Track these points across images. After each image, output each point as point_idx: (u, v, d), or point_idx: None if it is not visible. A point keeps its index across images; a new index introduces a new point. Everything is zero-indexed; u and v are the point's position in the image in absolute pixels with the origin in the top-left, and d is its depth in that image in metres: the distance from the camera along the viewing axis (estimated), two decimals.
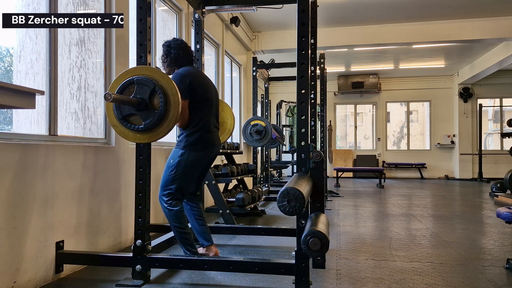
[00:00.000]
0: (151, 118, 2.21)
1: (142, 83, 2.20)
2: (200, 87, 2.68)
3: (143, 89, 2.20)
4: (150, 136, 2.26)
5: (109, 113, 2.27)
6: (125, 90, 2.22)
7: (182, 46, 2.76)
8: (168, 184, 2.64)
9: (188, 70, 2.70)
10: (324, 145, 6.44)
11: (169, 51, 2.73)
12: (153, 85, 2.19)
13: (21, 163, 2.18)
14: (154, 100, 2.21)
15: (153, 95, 2.20)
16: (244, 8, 4.66)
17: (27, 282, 2.20)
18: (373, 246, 3.34)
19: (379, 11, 7.06)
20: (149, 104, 2.20)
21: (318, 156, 2.17)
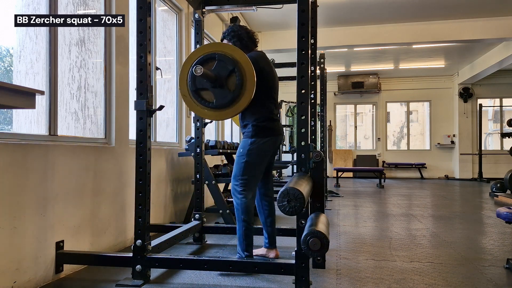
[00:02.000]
0: (224, 98, 2.18)
1: (224, 60, 2.16)
2: (270, 74, 2.70)
3: (223, 66, 2.17)
4: (217, 114, 2.25)
5: (182, 83, 2.25)
6: (204, 63, 2.19)
7: (246, 28, 2.82)
8: (240, 173, 2.63)
9: (260, 54, 2.72)
10: (324, 145, 6.44)
11: (240, 35, 2.73)
12: (233, 65, 2.16)
13: (21, 163, 2.18)
14: (230, 80, 2.19)
15: (231, 75, 2.17)
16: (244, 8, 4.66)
17: (27, 282, 2.20)
18: (373, 246, 3.34)
19: (379, 11, 7.06)
20: (225, 83, 2.17)
21: (318, 156, 2.17)
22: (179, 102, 4.75)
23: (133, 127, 2.76)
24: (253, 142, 2.61)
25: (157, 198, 3.86)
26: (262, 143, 2.62)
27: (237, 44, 2.72)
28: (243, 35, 2.76)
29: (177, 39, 4.79)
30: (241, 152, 2.65)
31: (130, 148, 3.30)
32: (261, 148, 2.63)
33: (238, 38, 2.74)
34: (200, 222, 3.33)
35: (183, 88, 2.26)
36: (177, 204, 4.35)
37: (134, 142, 2.45)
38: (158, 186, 3.90)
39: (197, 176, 3.36)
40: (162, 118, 4.44)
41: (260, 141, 2.62)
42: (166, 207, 4.09)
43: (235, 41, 2.73)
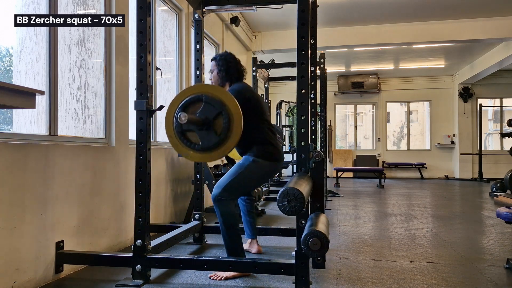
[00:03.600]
0: (210, 141, 2.16)
1: (211, 103, 2.16)
2: (257, 101, 2.70)
3: (209, 109, 2.16)
4: (202, 156, 2.23)
5: (168, 124, 2.24)
6: (190, 105, 2.19)
7: (238, 61, 2.81)
8: (230, 184, 2.54)
9: (243, 85, 2.73)
10: (324, 145, 6.44)
11: (229, 65, 2.74)
12: (221, 107, 2.15)
13: (21, 163, 2.18)
14: (217, 122, 2.17)
15: (217, 117, 2.16)
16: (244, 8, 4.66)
17: (27, 282, 2.20)
18: (373, 246, 3.34)
19: (379, 11, 7.06)
20: (211, 126, 2.17)
21: (318, 156, 2.17)
22: None
23: (133, 127, 2.76)
24: (255, 161, 2.55)
25: (157, 198, 3.86)
26: (263, 164, 2.57)
27: (221, 72, 2.74)
28: (232, 68, 2.75)
29: (177, 39, 4.79)
30: (240, 164, 2.58)
31: (130, 148, 3.30)
32: (261, 169, 2.58)
33: (226, 68, 2.74)
34: (200, 222, 3.33)
35: (169, 129, 2.24)
36: (177, 204, 4.35)
37: (134, 142, 2.45)
38: (158, 186, 3.90)
39: (197, 176, 3.36)
40: (162, 118, 4.43)
41: (262, 162, 2.56)
42: (166, 207, 4.09)
43: (221, 69, 2.75)
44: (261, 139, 2.60)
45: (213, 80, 2.81)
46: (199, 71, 3.30)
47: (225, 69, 2.73)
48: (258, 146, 2.58)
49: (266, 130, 2.67)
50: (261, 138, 2.61)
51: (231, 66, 2.74)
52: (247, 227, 3.09)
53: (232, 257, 2.48)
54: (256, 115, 2.62)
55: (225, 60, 2.75)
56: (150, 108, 2.37)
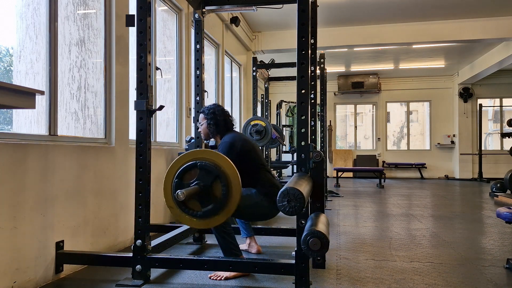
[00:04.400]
0: (211, 206, 2.18)
1: (206, 168, 2.17)
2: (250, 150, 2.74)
3: (205, 175, 2.17)
4: (206, 222, 2.24)
5: (167, 194, 2.25)
6: (186, 173, 2.20)
7: (226, 112, 2.87)
8: None
9: (234, 136, 2.76)
10: (324, 145, 6.44)
11: (217, 118, 2.79)
12: (216, 172, 2.17)
13: (21, 163, 2.18)
14: (215, 187, 2.18)
15: (215, 182, 2.18)
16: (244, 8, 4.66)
17: (27, 282, 2.20)
18: (373, 246, 3.34)
19: (379, 11, 7.06)
20: (210, 191, 2.18)
21: (318, 156, 2.17)
22: (179, 102, 4.75)
23: (133, 127, 2.76)
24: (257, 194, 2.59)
25: (157, 198, 3.86)
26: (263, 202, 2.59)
27: (211, 126, 2.81)
28: (220, 122, 2.81)
29: (177, 39, 4.79)
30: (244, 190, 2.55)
31: (130, 148, 3.31)
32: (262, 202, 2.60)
33: (214, 122, 2.80)
34: None
35: (168, 200, 2.26)
36: None
37: (134, 142, 2.45)
38: (158, 186, 3.89)
39: None
40: (162, 118, 4.44)
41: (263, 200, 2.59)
42: (166, 207, 4.08)
43: (210, 123, 2.81)
44: (262, 180, 2.67)
45: (203, 132, 2.90)
46: (199, 71, 3.30)
47: (214, 122, 2.80)
48: (260, 185, 2.64)
49: (265, 173, 2.74)
50: (261, 179, 2.67)
51: (219, 119, 2.81)
52: (242, 226, 3.10)
53: (231, 257, 2.48)
54: (252, 163, 2.70)
55: (213, 113, 2.81)
56: (150, 108, 2.37)
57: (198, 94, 3.31)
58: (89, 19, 3.07)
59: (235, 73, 7.84)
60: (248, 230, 3.10)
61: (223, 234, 2.53)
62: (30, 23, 2.56)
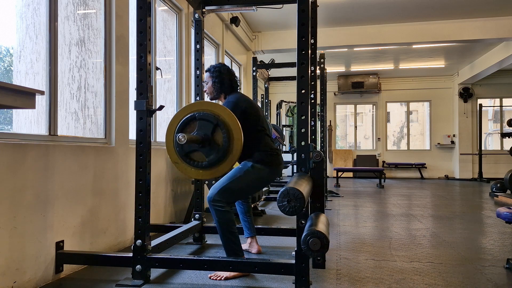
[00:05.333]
0: (214, 154, 2.18)
1: (205, 118, 2.18)
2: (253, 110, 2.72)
3: (205, 125, 2.18)
4: (212, 172, 2.25)
5: (170, 150, 2.26)
6: (186, 126, 2.21)
7: (232, 72, 2.85)
8: (226, 189, 2.54)
9: (238, 96, 2.75)
10: (324, 145, 6.44)
11: (222, 77, 2.77)
12: (215, 120, 2.17)
13: (21, 163, 2.18)
14: (216, 136, 2.19)
15: (215, 130, 2.18)
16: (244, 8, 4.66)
17: (27, 282, 2.20)
18: (373, 246, 3.34)
19: (379, 11, 7.06)
20: (212, 140, 2.18)
21: (318, 156, 2.17)
22: (179, 102, 4.75)
23: (133, 127, 2.76)
24: (254, 167, 2.57)
25: (157, 198, 3.86)
26: (262, 170, 2.58)
27: (216, 84, 2.79)
28: (226, 80, 2.79)
29: (177, 39, 4.79)
30: (239, 168, 2.59)
31: (130, 148, 3.31)
32: (260, 174, 2.59)
33: (219, 80, 2.78)
34: (200, 222, 3.33)
35: (172, 156, 2.26)
36: (177, 204, 4.35)
37: (134, 142, 2.45)
38: (158, 186, 3.90)
39: None
40: (162, 118, 4.44)
41: (260, 168, 2.58)
42: (166, 207, 4.09)
43: (215, 81, 2.78)
44: (260, 147, 2.63)
45: (208, 91, 2.86)
46: (199, 71, 3.30)
47: (219, 80, 2.78)
48: (257, 153, 2.60)
49: (265, 137, 2.70)
50: (259, 146, 2.63)
51: (224, 78, 2.79)
52: (245, 226, 3.11)
53: (231, 257, 2.48)
54: (253, 125, 2.66)
55: (219, 71, 2.79)
56: (150, 108, 2.37)
57: (198, 94, 3.31)
58: (89, 19, 3.07)
59: (235, 73, 7.84)
60: (251, 230, 3.10)
61: (228, 234, 2.52)
62: (30, 23, 2.56)
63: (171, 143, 2.27)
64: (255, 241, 3.09)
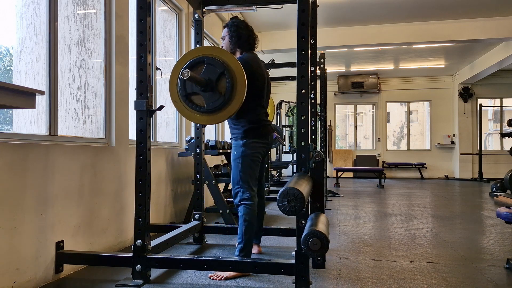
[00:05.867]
0: (214, 101, 2.15)
1: (212, 64, 2.14)
2: (261, 77, 2.67)
3: (212, 70, 2.15)
4: (208, 119, 2.23)
5: (172, 88, 2.23)
6: (193, 67, 2.17)
7: (250, 28, 2.78)
8: (241, 173, 2.61)
9: (252, 57, 2.69)
10: (324, 145, 6.44)
11: (240, 32, 2.71)
12: (223, 68, 2.14)
13: (21, 163, 2.18)
14: (220, 83, 2.16)
15: (220, 78, 2.15)
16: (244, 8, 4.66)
17: (27, 282, 2.20)
18: (373, 246, 3.34)
19: (379, 11, 7.06)
20: (215, 87, 2.15)
21: (318, 156, 2.17)
22: None
23: (133, 127, 2.76)
24: (244, 143, 2.62)
25: (157, 198, 3.86)
26: (252, 142, 2.62)
27: (233, 39, 2.72)
28: (243, 35, 2.73)
29: (177, 39, 4.79)
30: (235, 154, 2.65)
31: (130, 148, 3.31)
32: (252, 147, 2.63)
33: (237, 35, 2.72)
34: (200, 222, 3.33)
35: (173, 94, 2.25)
36: (177, 204, 4.35)
37: (134, 142, 2.45)
38: (158, 186, 3.90)
39: (197, 176, 3.36)
40: (162, 118, 4.44)
41: (250, 141, 2.62)
42: (166, 207, 4.09)
43: (232, 35, 2.72)
44: (251, 118, 2.63)
45: (225, 46, 2.78)
46: None
47: (236, 35, 2.71)
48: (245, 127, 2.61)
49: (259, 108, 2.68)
50: (250, 117, 2.63)
51: (242, 34, 2.72)
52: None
53: (241, 257, 2.50)
54: (255, 92, 2.61)
55: (237, 27, 2.73)
56: (150, 108, 2.37)
57: None
58: (89, 19, 3.07)
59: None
60: (257, 238, 3.07)
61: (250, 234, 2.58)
62: (30, 23, 2.56)
63: (174, 81, 2.23)
64: (257, 245, 3.08)
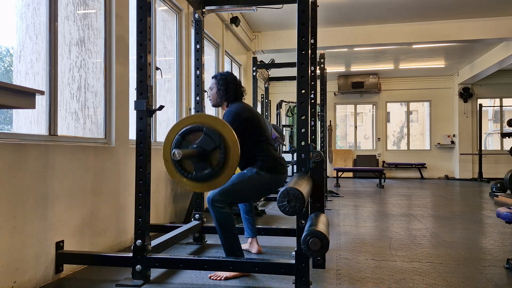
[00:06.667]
0: (203, 171, 2.18)
1: (211, 135, 2.18)
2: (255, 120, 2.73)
3: (208, 141, 2.18)
4: (195, 186, 2.25)
5: (166, 148, 2.27)
6: (190, 133, 2.21)
7: (238, 82, 2.85)
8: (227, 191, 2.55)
9: (241, 106, 2.75)
10: (324, 145, 6.44)
11: (228, 85, 2.78)
12: (219, 141, 2.17)
13: (21, 163, 2.18)
14: (213, 155, 2.19)
15: (215, 150, 2.18)
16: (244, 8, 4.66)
17: (27, 282, 2.20)
18: (373, 246, 3.34)
19: (379, 11, 7.06)
20: (207, 158, 2.19)
21: (318, 156, 2.17)
22: (179, 102, 4.75)
23: (133, 127, 2.76)
24: (258, 173, 2.58)
25: (157, 198, 3.86)
26: (266, 177, 2.59)
27: (221, 92, 2.79)
28: (231, 89, 2.79)
29: (177, 39, 4.79)
30: (243, 173, 2.60)
31: (130, 148, 3.31)
32: (264, 181, 2.59)
33: (225, 88, 2.78)
34: (200, 222, 3.33)
35: (166, 153, 2.27)
36: (177, 204, 4.35)
37: (134, 142, 2.45)
38: (158, 186, 3.90)
39: None
40: (162, 118, 4.44)
41: (265, 175, 2.59)
42: (166, 207, 4.09)
43: (220, 89, 2.79)
44: (263, 154, 2.65)
45: (212, 98, 2.87)
46: (199, 71, 3.31)
47: (224, 88, 2.78)
48: (261, 160, 2.62)
49: (267, 145, 2.72)
50: (263, 153, 2.65)
51: (230, 87, 2.79)
52: (247, 226, 3.11)
53: (231, 257, 2.48)
54: (255, 133, 2.68)
55: (225, 80, 2.79)
56: (150, 108, 2.37)
57: (198, 94, 3.31)
58: (89, 19, 3.07)
59: (235, 73, 7.84)
60: (252, 231, 3.10)
61: (227, 234, 2.53)
62: (30, 23, 2.56)
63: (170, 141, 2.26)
64: (256, 241, 3.09)
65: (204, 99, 3.33)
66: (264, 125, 2.83)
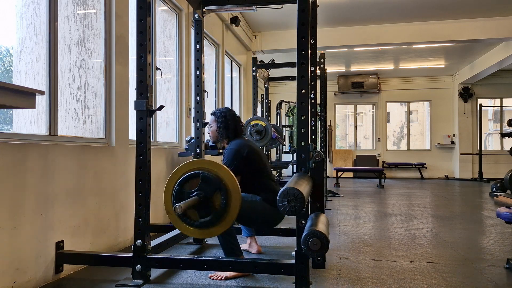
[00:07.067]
0: (209, 217, 2.20)
1: (208, 180, 2.20)
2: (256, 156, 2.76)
3: (207, 186, 2.20)
4: (202, 233, 2.26)
5: (167, 200, 2.28)
6: (188, 181, 2.23)
7: (237, 118, 2.88)
8: None
9: (240, 143, 2.77)
10: (324, 145, 6.44)
11: (227, 123, 2.81)
12: (218, 184, 2.19)
13: (21, 163, 2.18)
14: (215, 198, 2.21)
15: (215, 194, 2.20)
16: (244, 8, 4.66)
17: (27, 282, 2.20)
18: (373, 246, 3.34)
19: (379, 11, 7.06)
20: (210, 202, 2.20)
21: (318, 156, 2.17)
22: (179, 102, 4.75)
23: (133, 127, 2.76)
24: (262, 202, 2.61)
25: (157, 198, 3.85)
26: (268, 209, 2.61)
27: (220, 129, 2.82)
28: (231, 126, 2.82)
29: (177, 39, 4.79)
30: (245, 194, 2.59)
31: (130, 148, 3.31)
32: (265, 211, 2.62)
33: (224, 126, 2.81)
34: None
35: (167, 206, 2.28)
36: None
37: (134, 142, 2.45)
38: (158, 186, 3.90)
39: None
40: (162, 118, 4.44)
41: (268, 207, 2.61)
42: None
43: (220, 126, 2.82)
44: (265, 188, 2.68)
45: (212, 135, 2.91)
46: (199, 71, 3.30)
47: (224, 126, 2.81)
48: (263, 193, 2.65)
49: (268, 180, 2.76)
50: (264, 187, 2.68)
51: (230, 124, 2.82)
52: (244, 226, 3.10)
53: (230, 257, 2.48)
54: (256, 168, 2.72)
55: (224, 117, 2.82)
56: (150, 108, 2.37)
57: (198, 94, 3.31)
58: (89, 19, 3.07)
59: (235, 73, 7.84)
60: (249, 230, 3.10)
61: (224, 234, 2.53)
62: (30, 23, 2.56)
63: (170, 191, 2.29)
64: (255, 241, 3.09)
65: (204, 99, 3.33)
66: (265, 159, 2.88)
